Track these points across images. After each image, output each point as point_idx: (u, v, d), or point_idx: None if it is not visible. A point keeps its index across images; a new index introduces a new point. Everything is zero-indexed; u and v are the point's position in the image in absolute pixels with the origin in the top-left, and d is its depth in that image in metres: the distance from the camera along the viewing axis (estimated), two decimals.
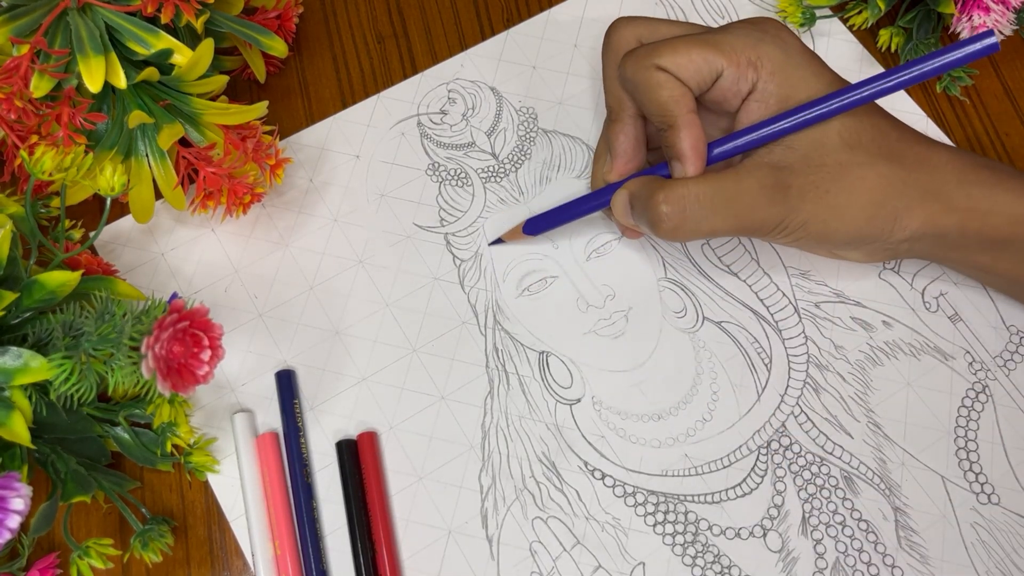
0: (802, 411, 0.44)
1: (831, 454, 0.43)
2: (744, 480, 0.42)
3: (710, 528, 0.41)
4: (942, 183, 0.39)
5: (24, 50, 0.38)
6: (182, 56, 0.41)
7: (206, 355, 0.32)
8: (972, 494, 0.42)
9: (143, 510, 0.41)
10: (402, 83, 0.51)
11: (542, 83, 0.51)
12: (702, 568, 0.41)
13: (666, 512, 0.42)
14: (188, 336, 0.32)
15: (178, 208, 0.43)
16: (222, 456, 0.43)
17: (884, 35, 0.50)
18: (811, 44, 0.52)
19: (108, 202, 0.39)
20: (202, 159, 0.42)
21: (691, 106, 0.39)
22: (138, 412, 0.40)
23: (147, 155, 0.43)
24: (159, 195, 0.44)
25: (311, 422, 0.43)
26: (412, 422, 0.43)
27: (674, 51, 0.38)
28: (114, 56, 0.40)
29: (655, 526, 0.41)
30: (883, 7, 0.49)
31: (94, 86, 0.39)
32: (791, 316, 0.45)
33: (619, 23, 0.42)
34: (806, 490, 0.42)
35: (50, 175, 0.37)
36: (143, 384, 0.31)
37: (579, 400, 0.44)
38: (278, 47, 0.45)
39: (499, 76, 0.51)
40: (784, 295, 0.46)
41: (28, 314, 0.35)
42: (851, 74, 0.51)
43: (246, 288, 0.46)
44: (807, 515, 0.42)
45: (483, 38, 0.52)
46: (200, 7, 0.40)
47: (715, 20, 0.53)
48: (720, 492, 0.42)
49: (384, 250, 0.47)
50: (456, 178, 0.48)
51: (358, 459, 0.42)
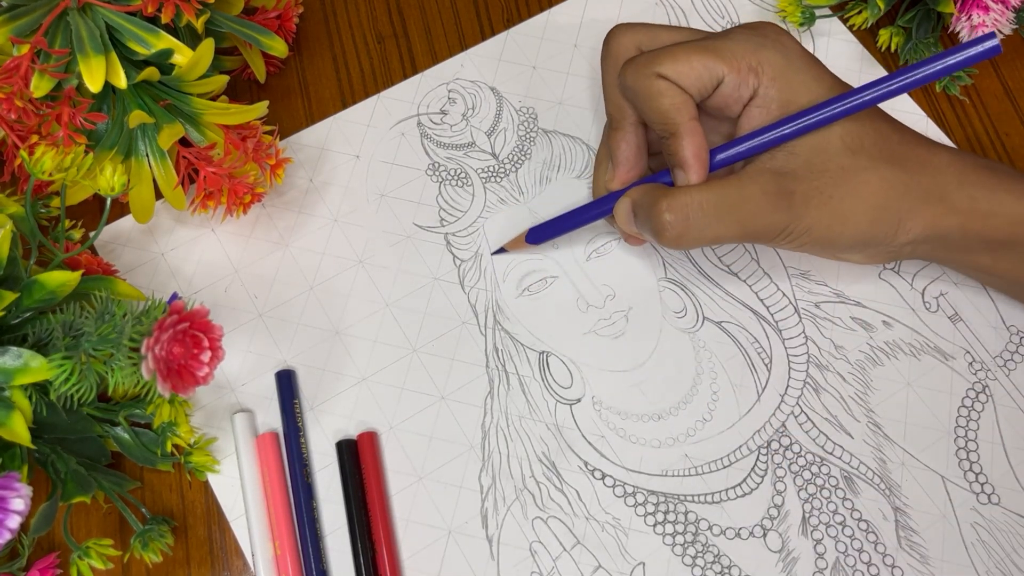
0: (802, 411, 0.44)
1: (831, 454, 0.43)
2: (744, 480, 0.42)
3: (710, 528, 0.41)
4: (944, 185, 0.39)
5: (24, 50, 0.38)
6: (182, 56, 0.41)
7: (206, 356, 0.32)
8: (972, 494, 0.42)
9: (143, 510, 0.41)
10: (402, 83, 0.51)
11: (542, 83, 0.51)
12: (702, 568, 0.41)
13: (666, 512, 0.42)
14: (188, 337, 0.32)
15: (178, 208, 0.44)
16: (222, 456, 0.43)
17: (884, 35, 0.50)
18: (811, 44, 0.52)
19: (108, 202, 0.39)
20: (202, 159, 0.42)
21: (693, 113, 0.38)
22: (138, 412, 0.40)
23: (147, 155, 0.43)
24: (159, 195, 0.44)
25: (311, 422, 0.43)
26: (412, 422, 0.43)
27: (674, 58, 0.38)
28: (114, 56, 0.40)
29: (655, 526, 0.41)
30: (883, 7, 0.49)
31: (94, 86, 0.39)
32: (791, 316, 0.45)
33: (618, 30, 0.42)
34: (806, 490, 0.42)
35: (50, 175, 0.37)
36: (143, 384, 0.31)
37: (579, 400, 0.44)
38: (278, 47, 0.45)
39: (499, 76, 0.51)
40: (784, 295, 0.46)
41: (28, 314, 0.35)
42: (851, 74, 0.51)
43: (246, 288, 0.46)
44: (807, 515, 0.42)
45: (483, 38, 0.52)
46: (200, 7, 0.40)
47: (715, 20, 0.53)
48: (720, 492, 0.42)
49: (384, 250, 0.47)
50: (456, 178, 0.48)
51: (358, 459, 0.42)
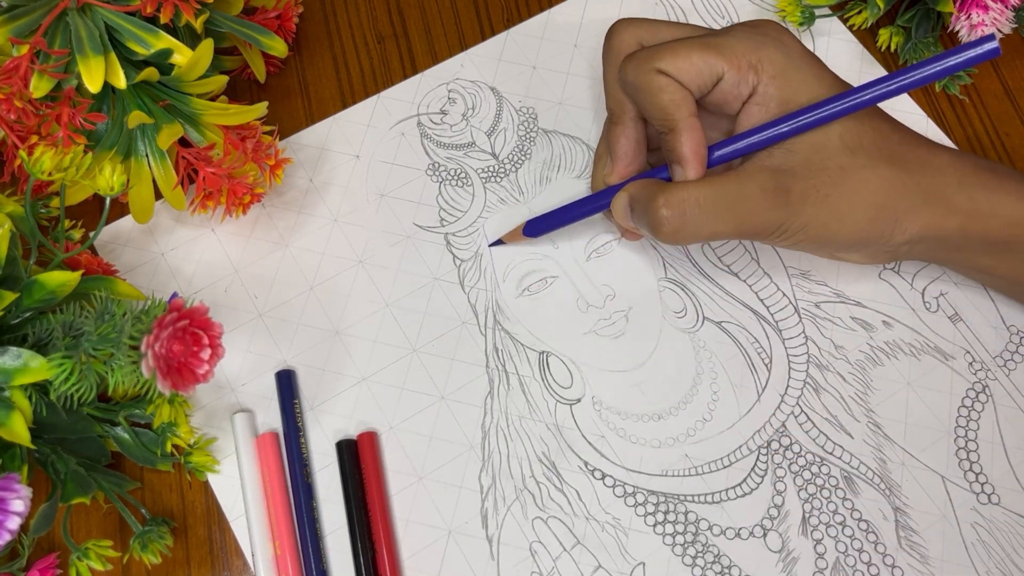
0: (802, 411, 0.44)
1: (831, 454, 0.43)
2: (744, 480, 0.42)
3: (710, 528, 0.41)
4: (944, 186, 0.39)
5: (24, 50, 0.38)
6: (182, 56, 0.41)
7: (206, 354, 0.32)
8: (972, 494, 0.42)
9: (143, 511, 0.41)
10: (402, 83, 0.51)
11: (542, 83, 0.51)
12: (702, 568, 0.41)
13: (666, 512, 0.42)
14: (188, 335, 0.32)
15: (178, 208, 0.44)
16: (222, 456, 0.43)
17: (883, 34, 0.50)
18: (810, 43, 0.52)
19: (108, 202, 0.39)
20: (202, 159, 0.42)
21: (692, 110, 0.39)
22: (138, 412, 0.40)
23: (147, 155, 0.43)
24: (159, 195, 0.44)
25: (311, 422, 0.43)
26: (412, 422, 0.43)
27: (675, 54, 0.38)
28: (114, 56, 0.40)
29: (655, 526, 0.41)
30: (882, 6, 0.49)
31: (94, 86, 0.39)
32: (791, 316, 0.45)
33: (619, 25, 0.42)
34: (806, 490, 0.42)
35: (50, 175, 0.37)
36: (143, 384, 0.31)
37: (579, 400, 0.44)
38: (278, 47, 0.45)
39: (499, 76, 0.51)
40: (784, 295, 0.46)
41: (28, 314, 0.35)
42: (851, 73, 0.51)
43: (246, 288, 0.46)
44: (807, 515, 0.42)
45: (483, 38, 0.52)
46: (199, 7, 0.40)
47: (715, 19, 0.53)
48: (720, 492, 0.42)
49: (384, 250, 0.47)
50: (456, 178, 0.48)
51: (358, 459, 0.42)
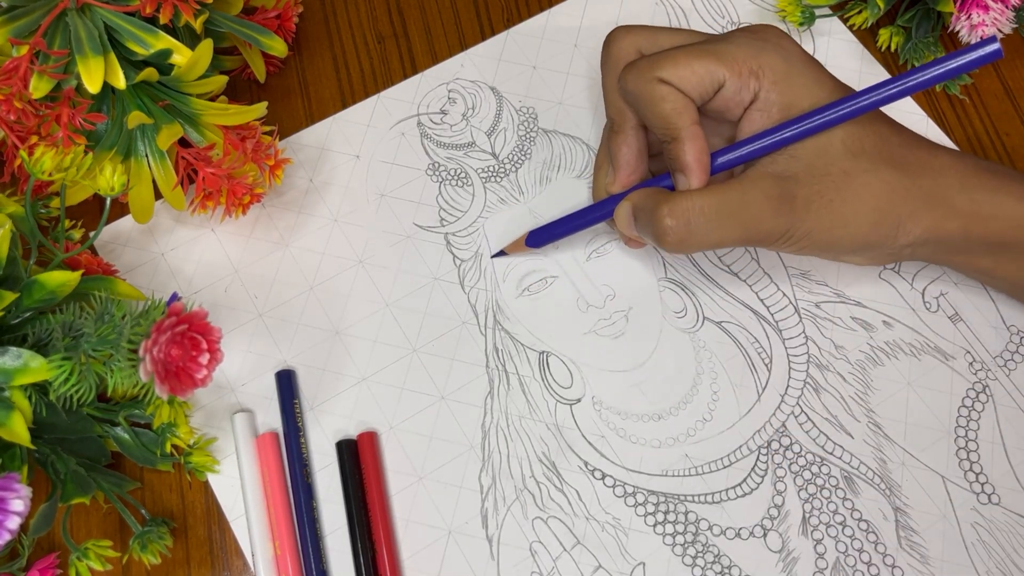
0: (802, 411, 0.43)
1: (831, 454, 0.43)
2: (744, 480, 0.42)
3: (710, 528, 0.41)
4: (946, 188, 0.39)
5: (23, 51, 0.38)
6: (181, 56, 0.41)
7: (204, 358, 0.32)
8: (972, 494, 0.42)
9: (143, 511, 0.41)
10: (402, 83, 0.51)
11: (542, 83, 0.51)
12: (702, 568, 0.41)
13: (666, 512, 0.42)
14: (186, 339, 0.32)
15: (178, 208, 0.44)
16: (222, 456, 0.43)
17: (884, 34, 0.50)
18: (811, 43, 0.52)
19: (108, 202, 0.39)
20: (201, 159, 0.42)
21: (694, 118, 0.38)
22: (138, 412, 0.40)
23: (147, 155, 0.43)
24: (159, 195, 0.44)
25: (311, 422, 0.43)
26: (412, 422, 0.43)
27: (675, 63, 0.38)
28: (113, 56, 0.40)
29: (655, 526, 0.41)
30: (882, 6, 0.49)
31: (93, 87, 0.39)
32: (791, 316, 0.45)
33: (617, 33, 0.42)
34: (806, 490, 0.42)
35: (50, 175, 0.37)
36: (142, 386, 0.31)
37: (579, 400, 0.44)
38: (278, 47, 0.45)
39: (499, 76, 0.51)
40: (784, 295, 0.46)
41: (28, 314, 0.35)
42: (851, 73, 0.51)
43: (246, 288, 0.46)
44: (807, 515, 0.42)
45: (483, 38, 0.52)
46: (199, 7, 0.40)
47: (715, 19, 0.53)
48: (720, 492, 0.42)
49: (384, 250, 0.47)
50: (456, 178, 0.48)
51: (358, 459, 0.42)
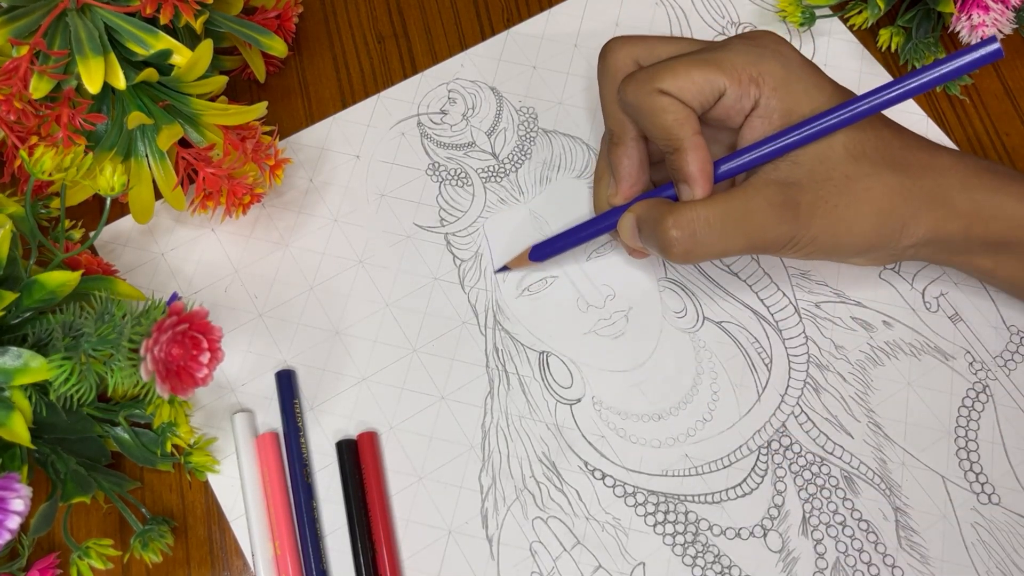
0: (802, 411, 0.43)
1: (831, 454, 0.43)
2: (744, 480, 0.42)
3: (710, 528, 0.41)
4: (947, 189, 0.39)
5: (23, 51, 0.38)
6: (181, 56, 0.41)
7: (205, 358, 0.32)
8: (972, 494, 0.42)
9: (143, 510, 0.41)
10: (402, 83, 0.51)
11: (542, 83, 0.51)
12: (702, 568, 0.41)
13: (666, 512, 0.42)
14: (187, 339, 0.32)
15: (178, 208, 0.44)
16: (222, 456, 0.43)
17: (884, 35, 0.50)
18: (811, 44, 0.52)
19: (108, 202, 0.39)
20: (201, 160, 0.42)
21: (696, 128, 0.38)
22: (138, 412, 0.40)
23: (147, 156, 0.43)
24: (159, 195, 0.44)
25: (311, 422, 0.43)
26: (412, 422, 0.43)
27: (675, 74, 0.38)
28: (113, 57, 0.40)
29: (655, 526, 0.41)
30: (883, 6, 0.49)
31: (93, 87, 0.39)
32: (791, 316, 0.45)
33: (614, 45, 0.41)
34: (806, 490, 0.42)
35: (50, 175, 0.37)
36: (142, 385, 0.31)
37: (579, 400, 0.44)
38: (278, 47, 0.45)
39: (499, 76, 0.51)
40: (784, 295, 0.46)
41: (28, 314, 0.35)
42: (851, 74, 0.51)
43: (246, 288, 0.46)
44: (807, 515, 0.42)
45: (483, 38, 0.52)
46: (199, 7, 0.40)
47: (715, 19, 0.53)
48: (720, 492, 0.42)
49: (384, 250, 0.47)
50: (456, 178, 0.48)
51: (358, 459, 0.42)
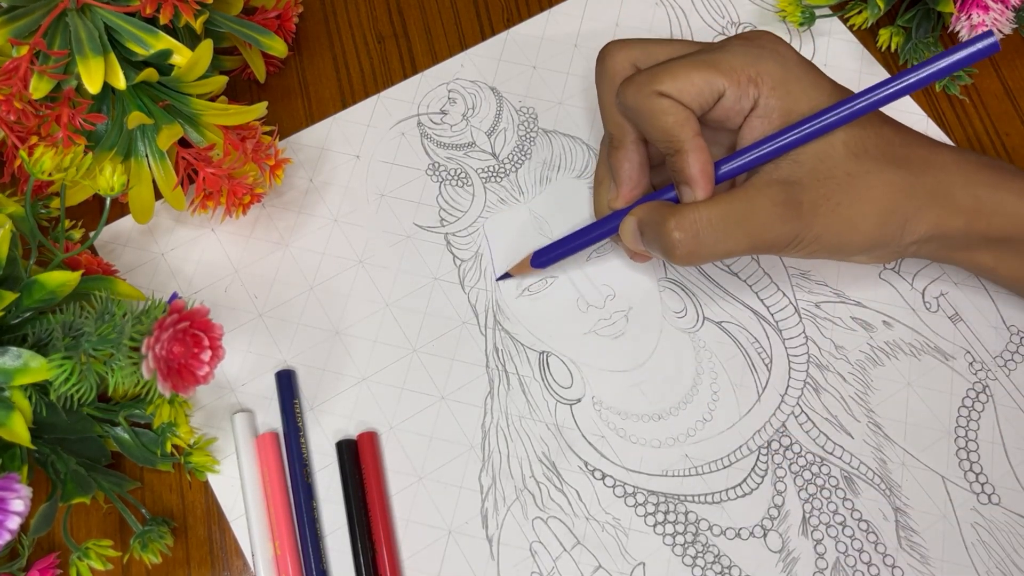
0: (802, 411, 0.44)
1: (831, 454, 0.43)
2: (744, 480, 0.42)
3: (710, 528, 0.41)
4: (948, 185, 0.39)
5: (23, 51, 0.38)
6: (181, 57, 0.41)
7: (206, 355, 0.32)
8: (972, 494, 0.42)
9: (143, 511, 0.41)
10: (402, 83, 0.51)
11: (542, 83, 0.51)
12: (702, 568, 0.41)
13: (666, 512, 0.42)
14: (188, 336, 0.32)
15: (178, 208, 0.44)
16: (222, 456, 0.43)
17: (884, 34, 0.50)
18: (811, 44, 0.52)
19: (108, 202, 0.39)
20: (201, 160, 0.42)
21: (696, 129, 0.38)
22: (138, 412, 0.40)
23: (147, 156, 0.43)
24: (159, 195, 0.44)
25: (311, 422, 0.43)
26: (412, 422, 0.43)
27: (674, 76, 0.38)
28: (113, 57, 0.40)
29: (655, 526, 0.41)
30: (883, 6, 0.49)
31: (93, 87, 0.39)
32: (791, 316, 0.45)
33: (611, 48, 0.41)
34: (806, 490, 0.42)
35: (50, 175, 0.37)
36: (143, 384, 0.31)
37: (579, 400, 0.44)
38: (278, 47, 0.45)
39: (499, 76, 0.51)
40: (784, 295, 0.46)
41: (28, 314, 0.35)
42: (851, 74, 0.51)
43: (246, 288, 0.46)
44: (807, 515, 0.42)
45: (483, 38, 0.52)
46: (199, 7, 0.40)
47: (715, 19, 0.53)
48: (720, 492, 0.42)
49: (384, 250, 0.47)
50: (456, 178, 0.48)
51: (358, 459, 0.42)
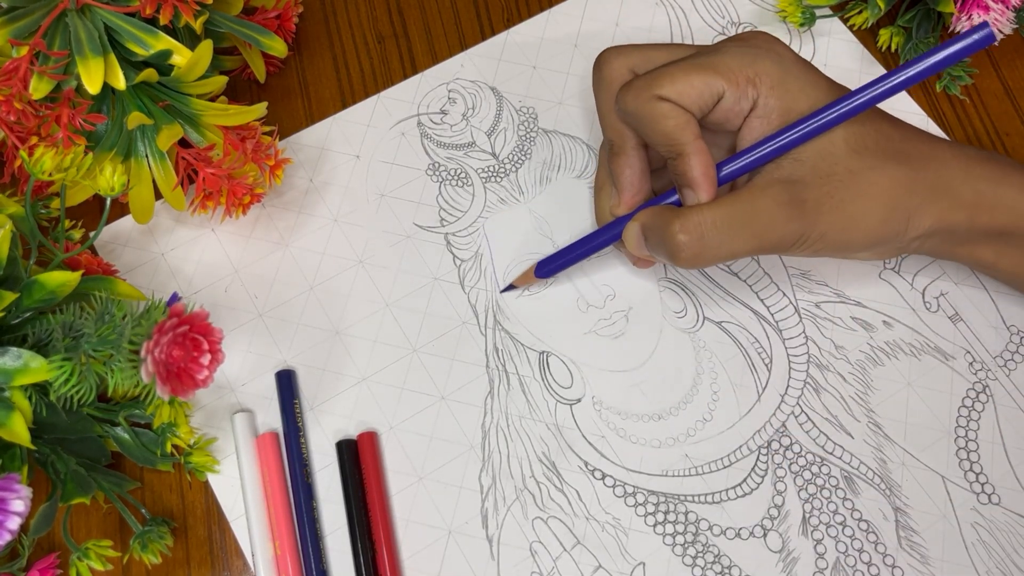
0: (802, 411, 0.44)
1: (831, 454, 0.43)
2: (744, 480, 0.42)
3: (710, 528, 0.41)
4: (949, 180, 0.39)
5: (23, 52, 0.38)
6: (181, 57, 0.41)
7: (206, 359, 0.32)
8: (972, 494, 0.42)
9: (143, 511, 0.41)
10: (402, 83, 0.51)
11: (542, 83, 0.51)
12: (702, 568, 0.41)
13: (666, 512, 0.42)
14: (188, 340, 0.32)
15: (178, 208, 0.44)
16: (222, 456, 0.43)
17: (884, 35, 0.50)
18: (811, 44, 0.52)
19: (108, 202, 0.39)
20: (201, 160, 0.42)
21: (697, 132, 0.38)
22: (138, 412, 0.40)
23: (147, 156, 0.43)
24: (159, 195, 0.44)
25: (311, 422, 0.43)
26: (412, 422, 0.43)
27: (673, 79, 0.38)
28: (113, 57, 0.40)
29: (655, 526, 0.41)
30: (883, 6, 0.49)
31: (93, 87, 0.39)
32: (791, 316, 0.45)
33: (609, 55, 0.41)
34: (806, 490, 0.42)
35: (50, 175, 0.37)
36: (143, 386, 0.31)
37: (579, 400, 0.44)
38: (278, 47, 0.45)
39: (499, 76, 0.51)
40: (784, 295, 0.46)
41: (28, 314, 0.35)
42: (851, 74, 0.51)
43: (246, 288, 0.46)
44: (807, 515, 0.42)
45: (483, 38, 0.52)
46: (199, 8, 0.40)
47: (715, 19, 0.53)
48: (720, 492, 0.42)
49: (384, 250, 0.47)
50: (456, 178, 0.48)
51: (358, 459, 0.42)
